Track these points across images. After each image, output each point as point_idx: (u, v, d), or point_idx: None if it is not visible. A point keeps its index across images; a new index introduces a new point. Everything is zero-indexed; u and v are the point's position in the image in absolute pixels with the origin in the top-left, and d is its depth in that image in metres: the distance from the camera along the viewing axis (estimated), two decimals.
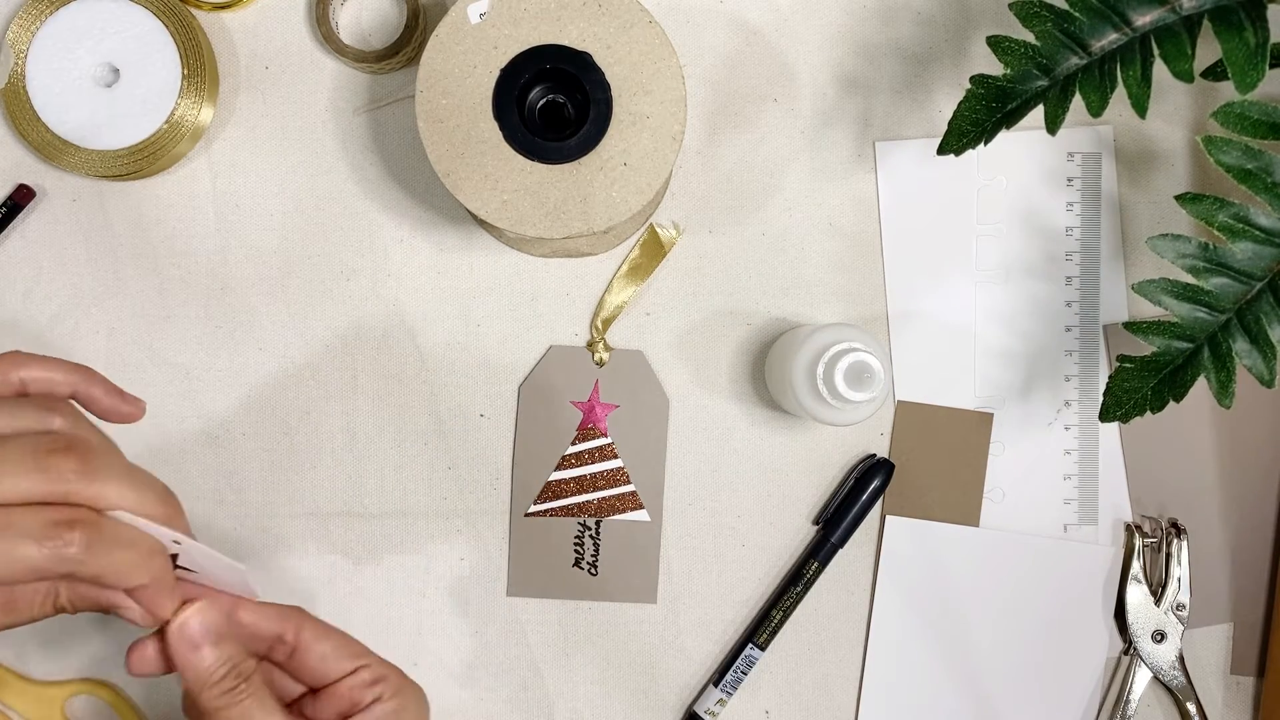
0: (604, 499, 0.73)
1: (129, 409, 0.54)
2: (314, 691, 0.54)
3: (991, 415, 0.74)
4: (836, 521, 0.72)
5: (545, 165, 0.62)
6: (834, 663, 0.74)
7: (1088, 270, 0.74)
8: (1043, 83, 0.61)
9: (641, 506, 0.73)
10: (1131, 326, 0.63)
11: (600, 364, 0.73)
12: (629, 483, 0.73)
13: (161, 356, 0.72)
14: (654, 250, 0.73)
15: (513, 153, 0.62)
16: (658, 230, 0.73)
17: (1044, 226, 0.74)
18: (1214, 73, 0.67)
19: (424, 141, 0.62)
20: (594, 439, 0.73)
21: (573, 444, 0.73)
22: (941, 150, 0.63)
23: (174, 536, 0.48)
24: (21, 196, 0.71)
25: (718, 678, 0.73)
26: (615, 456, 0.73)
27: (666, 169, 0.62)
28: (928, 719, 0.74)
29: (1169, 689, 0.73)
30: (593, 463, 0.73)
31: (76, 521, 0.44)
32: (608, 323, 0.73)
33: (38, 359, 0.51)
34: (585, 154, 0.62)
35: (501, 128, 0.62)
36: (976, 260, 0.74)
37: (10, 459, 0.44)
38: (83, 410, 0.51)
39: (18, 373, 0.50)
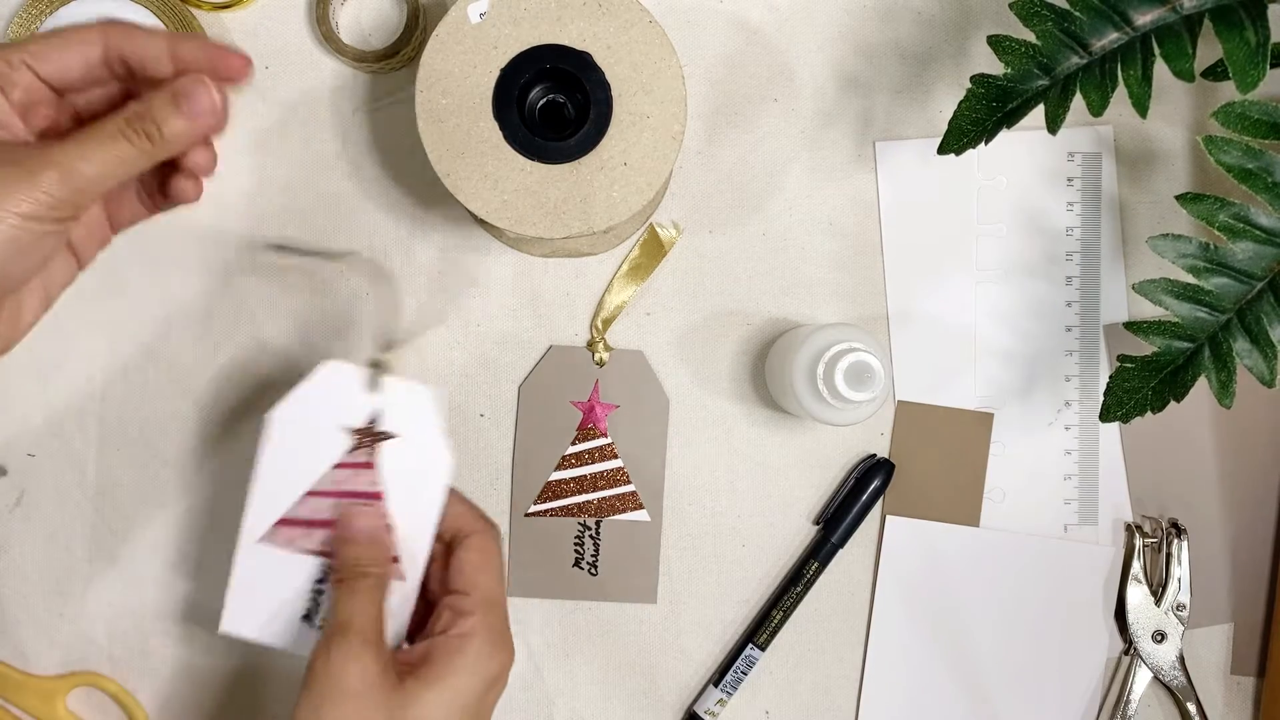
0: (604, 499, 0.73)
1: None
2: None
3: (991, 415, 0.74)
4: (836, 521, 0.72)
5: (545, 165, 0.62)
6: (834, 663, 0.74)
7: (1088, 270, 0.74)
8: (1043, 82, 0.61)
9: (641, 506, 0.73)
10: (1132, 326, 0.63)
11: (600, 364, 0.73)
12: (629, 483, 0.73)
13: (161, 356, 0.72)
14: (654, 250, 0.73)
15: (513, 153, 0.62)
16: (658, 230, 0.72)
17: (1044, 226, 0.74)
18: (1214, 72, 0.67)
19: (424, 141, 0.62)
20: (594, 439, 0.73)
21: (573, 444, 0.73)
22: (942, 150, 0.62)
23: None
24: None
25: (718, 678, 0.73)
26: (615, 456, 0.73)
27: (666, 169, 0.62)
28: (927, 719, 0.74)
29: (1169, 689, 0.73)
30: (593, 463, 0.73)
31: None
32: (608, 323, 0.73)
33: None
34: (585, 154, 0.62)
35: (501, 128, 0.62)
36: (976, 260, 0.74)
37: None
38: None
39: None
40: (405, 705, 0.54)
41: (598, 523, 0.73)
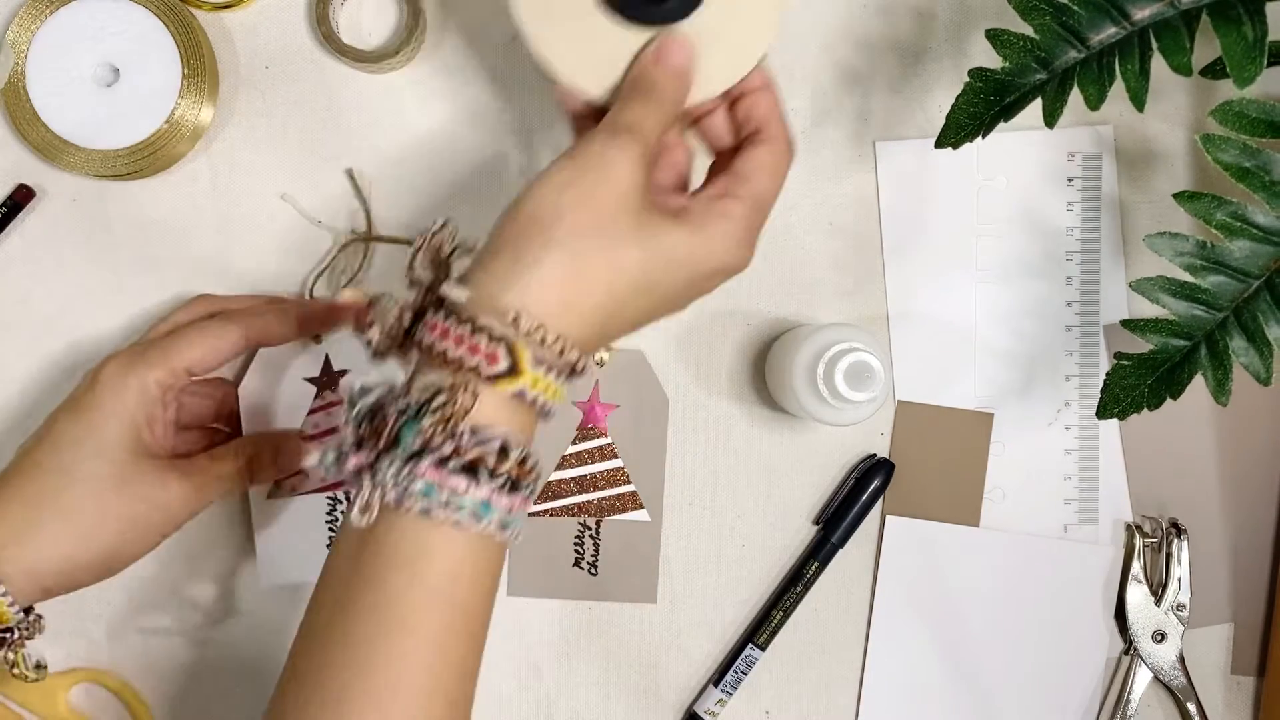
0: (604, 499, 0.73)
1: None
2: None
3: (991, 415, 0.74)
4: (836, 521, 0.72)
5: (642, 27, 0.56)
6: (834, 663, 0.74)
7: (1088, 270, 0.74)
8: (1041, 76, 0.61)
9: (641, 506, 0.73)
10: (1129, 324, 0.63)
11: (600, 364, 0.73)
12: (629, 483, 0.73)
13: None
14: None
15: (609, 13, 0.56)
16: None
17: (1044, 226, 0.74)
18: (1213, 70, 0.67)
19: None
20: (594, 439, 0.73)
21: (573, 444, 0.73)
22: (939, 144, 0.62)
23: None
24: (21, 196, 0.71)
25: (718, 678, 0.73)
26: (615, 456, 0.73)
27: (771, 32, 0.58)
28: (927, 719, 0.74)
29: (1169, 689, 0.73)
30: (593, 463, 0.73)
31: None
32: None
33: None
34: (686, 14, 0.57)
35: None
36: (976, 260, 0.74)
37: None
38: None
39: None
40: (653, 232, 0.52)
41: (598, 523, 0.73)
